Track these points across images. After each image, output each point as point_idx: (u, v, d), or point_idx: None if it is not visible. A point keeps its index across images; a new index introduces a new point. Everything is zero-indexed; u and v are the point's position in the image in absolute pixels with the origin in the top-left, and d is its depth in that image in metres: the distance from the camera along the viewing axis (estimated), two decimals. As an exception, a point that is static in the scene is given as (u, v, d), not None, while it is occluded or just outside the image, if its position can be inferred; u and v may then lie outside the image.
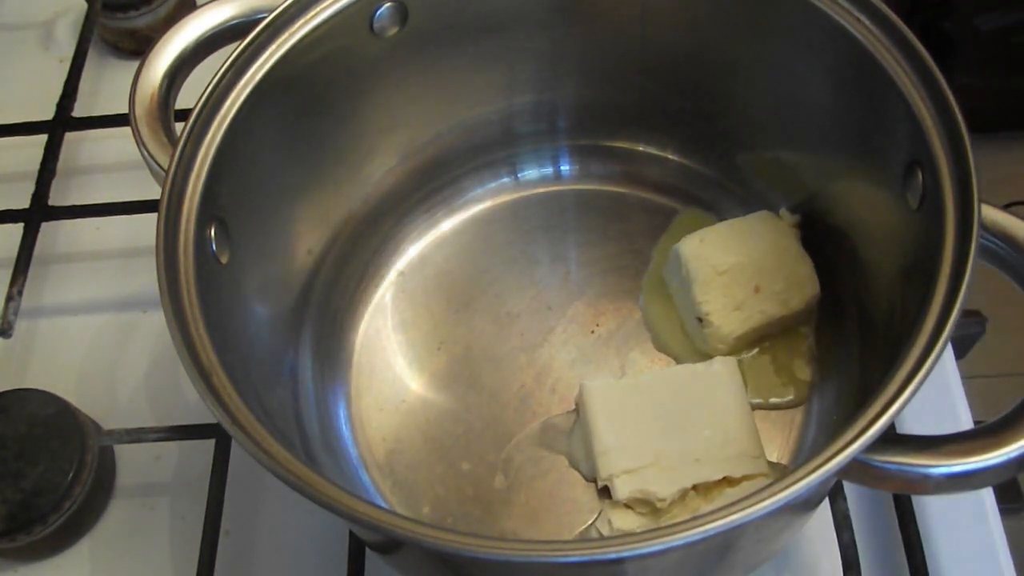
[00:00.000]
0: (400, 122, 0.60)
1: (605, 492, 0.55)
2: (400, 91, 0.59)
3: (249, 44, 0.50)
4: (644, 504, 0.53)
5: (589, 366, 0.60)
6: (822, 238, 0.59)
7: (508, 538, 0.53)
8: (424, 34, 0.56)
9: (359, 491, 0.56)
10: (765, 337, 0.59)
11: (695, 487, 0.53)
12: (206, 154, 0.48)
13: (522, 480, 0.57)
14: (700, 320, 0.57)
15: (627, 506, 0.53)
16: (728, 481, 0.53)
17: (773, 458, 0.56)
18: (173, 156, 0.47)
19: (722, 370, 0.56)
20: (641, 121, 0.64)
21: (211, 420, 0.48)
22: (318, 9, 0.51)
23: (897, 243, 0.50)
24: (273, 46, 0.50)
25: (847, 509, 0.53)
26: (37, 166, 0.68)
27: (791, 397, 0.57)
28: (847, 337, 0.57)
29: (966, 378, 0.60)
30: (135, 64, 0.53)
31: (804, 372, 0.58)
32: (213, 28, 0.53)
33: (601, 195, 0.66)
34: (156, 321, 0.65)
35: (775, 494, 0.36)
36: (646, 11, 0.57)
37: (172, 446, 0.61)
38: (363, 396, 0.60)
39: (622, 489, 0.53)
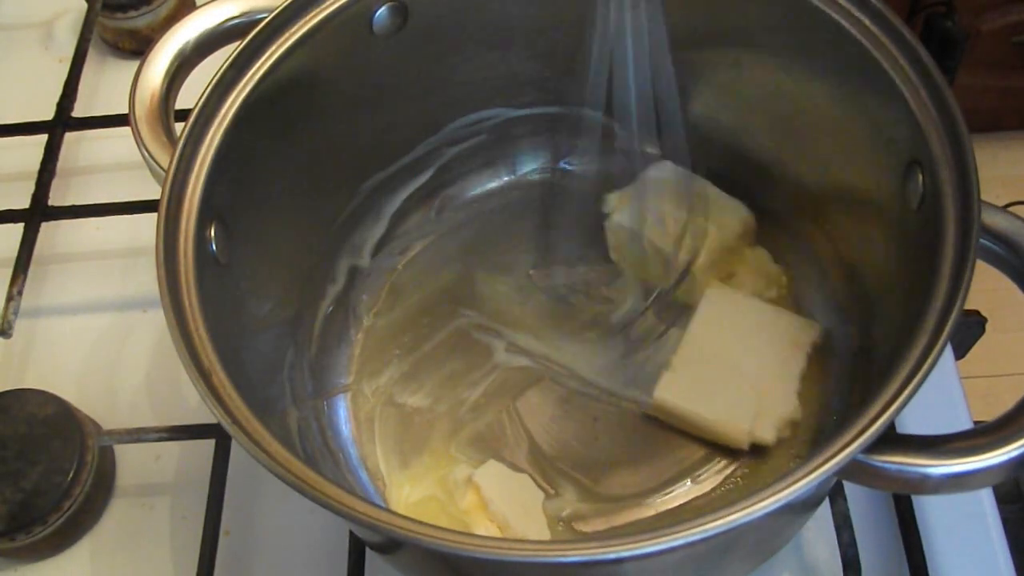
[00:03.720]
0: (399, 122, 0.60)
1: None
2: (400, 91, 0.59)
3: (249, 44, 0.50)
4: None
5: (589, 361, 0.60)
6: (821, 238, 0.59)
7: (508, 538, 0.53)
8: (424, 34, 0.56)
9: (359, 491, 0.56)
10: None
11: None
12: (206, 154, 0.48)
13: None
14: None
15: None
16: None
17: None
18: (173, 156, 0.47)
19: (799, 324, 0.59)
20: (640, 121, 0.64)
21: (211, 420, 0.48)
22: (318, 9, 0.51)
23: (897, 243, 0.50)
24: (273, 46, 0.50)
25: (847, 509, 0.53)
26: (37, 166, 0.68)
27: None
28: (847, 337, 0.57)
29: (966, 378, 0.60)
30: (135, 64, 0.53)
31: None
32: (213, 28, 0.53)
33: (601, 194, 0.66)
34: (156, 321, 0.65)
35: (775, 494, 0.36)
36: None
37: (172, 446, 0.61)
38: (363, 396, 0.60)
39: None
